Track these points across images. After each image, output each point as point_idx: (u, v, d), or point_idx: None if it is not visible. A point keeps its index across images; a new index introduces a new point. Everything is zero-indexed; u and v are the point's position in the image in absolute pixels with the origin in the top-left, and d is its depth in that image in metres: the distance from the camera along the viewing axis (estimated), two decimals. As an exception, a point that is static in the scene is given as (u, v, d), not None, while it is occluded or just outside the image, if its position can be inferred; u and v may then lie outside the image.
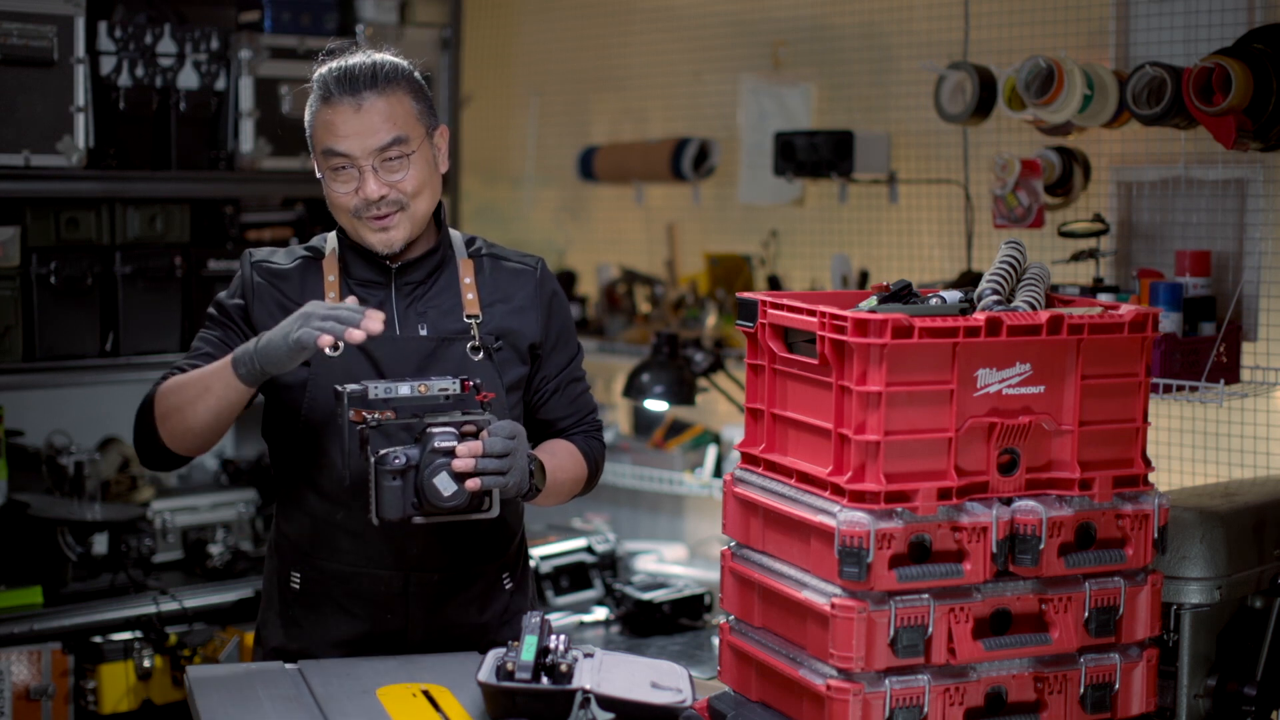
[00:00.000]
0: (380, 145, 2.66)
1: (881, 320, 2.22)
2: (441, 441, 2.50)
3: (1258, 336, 3.37)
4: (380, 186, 2.67)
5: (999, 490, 2.33)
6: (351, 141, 2.65)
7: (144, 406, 2.68)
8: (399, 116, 2.68)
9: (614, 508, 4.84)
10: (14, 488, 3.99)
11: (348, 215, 2.71)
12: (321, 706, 2.46)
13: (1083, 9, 3.67)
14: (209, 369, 2.61)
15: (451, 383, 2.54)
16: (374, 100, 2.66)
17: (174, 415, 2.62)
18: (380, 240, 2.71)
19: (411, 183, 2.69)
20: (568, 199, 5.17)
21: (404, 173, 2.68)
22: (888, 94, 4.19)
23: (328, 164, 2.69)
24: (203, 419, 2.60)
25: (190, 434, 2.63)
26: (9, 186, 3.87)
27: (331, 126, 2.67)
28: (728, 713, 2.47)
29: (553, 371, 2.85)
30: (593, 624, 3.90)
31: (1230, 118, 3.12)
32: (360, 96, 2.65)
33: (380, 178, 2.67)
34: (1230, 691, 2.75)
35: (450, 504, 2.51)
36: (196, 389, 2.60)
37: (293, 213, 4.55)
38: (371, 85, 2.66)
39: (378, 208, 2.68)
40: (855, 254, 4.24)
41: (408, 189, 2.69)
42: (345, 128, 2.65)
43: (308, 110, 2.73)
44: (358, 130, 2.65)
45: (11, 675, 3.74)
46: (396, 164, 2.67)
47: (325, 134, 2.68)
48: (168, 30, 4.13)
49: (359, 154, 2.66)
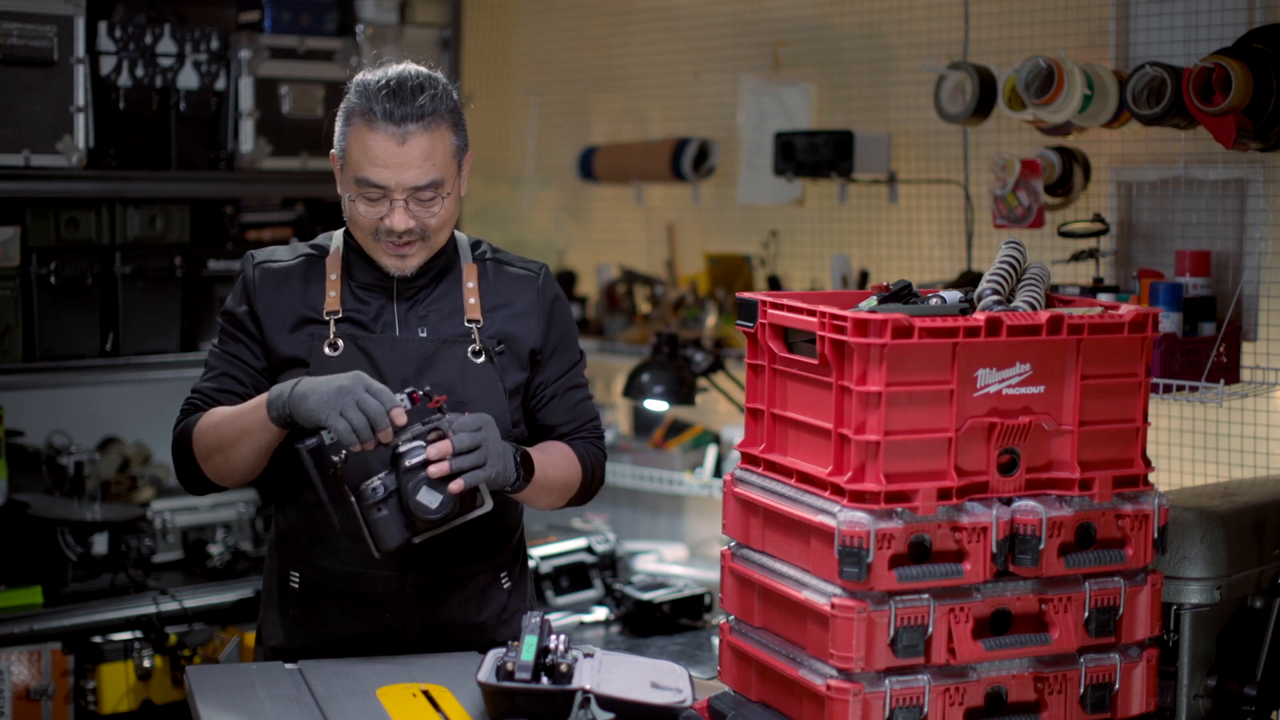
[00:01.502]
0: (417, 185, 2.63)
1: (881, 320, 2.22)
2: (412, 458, 2.50)
3: (1258, 336, 3.37)
4: (408, 220, 2.65)
5: (999, 490, 2.33)
6: (388, 174, 2.62)
7: (180, 443, 2.71)
8: (439, 156, 2.64)
9: (614, 508, 4.83)
10: (14, 488, 3.99)
11: (366, 236, 2.71)
12: (321, 706, 2.46)
13: (1083, 9, 3.67)
14: (245, 411, 2.62)
15: (401, 398, 2.53)
16: (418, 135, 2.61)
17: (216, 456, 2.66)
18: (395, 265, 2.71)
19: (438, 220, 2.68)
20: (568, 199, 5.17)
21: (433, 211, 2.67)
22: (888, 94, 4.19)
23: (360, 190, 2.65)
24: (246, 460, 2.64)
25: (236, 473, 2.68)
26: (9, 186, 3.87)
27: (370, 154, 2.62)
28: (728, 713, 2.47)
29: (552, 377, 2.85)
30: (593, 624, 3.90)
31: (1230, 118, 3.12)
32: (405, 128, 2.60)
33: (409, 211, 2.65)
34: (1230, 691, 2.75)
35: (440, 514, 2.51)
36: (234, 431, 2.62)
37: (293, 213, 4.55)
38: (418, 118, 2.61)
39: (399, 237, 2.68)
40: (855, 254, 4.24)
41: (433, 225, 2.68)
42: (385, 158, 2.61)
43: (341, 118, 2.68)
44: (397, 164, 2.61)
45: (11, 675, 3.74)
46: (428, 202, 2.66)
47: (362, 159, 2.63)
48: (168, 30, 4.13)
49: (395, 187, 2.63)
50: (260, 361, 2.76)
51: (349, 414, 2.46)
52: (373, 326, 2.75)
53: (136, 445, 4.46)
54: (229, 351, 2.76)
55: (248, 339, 2.76)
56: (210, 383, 2.75)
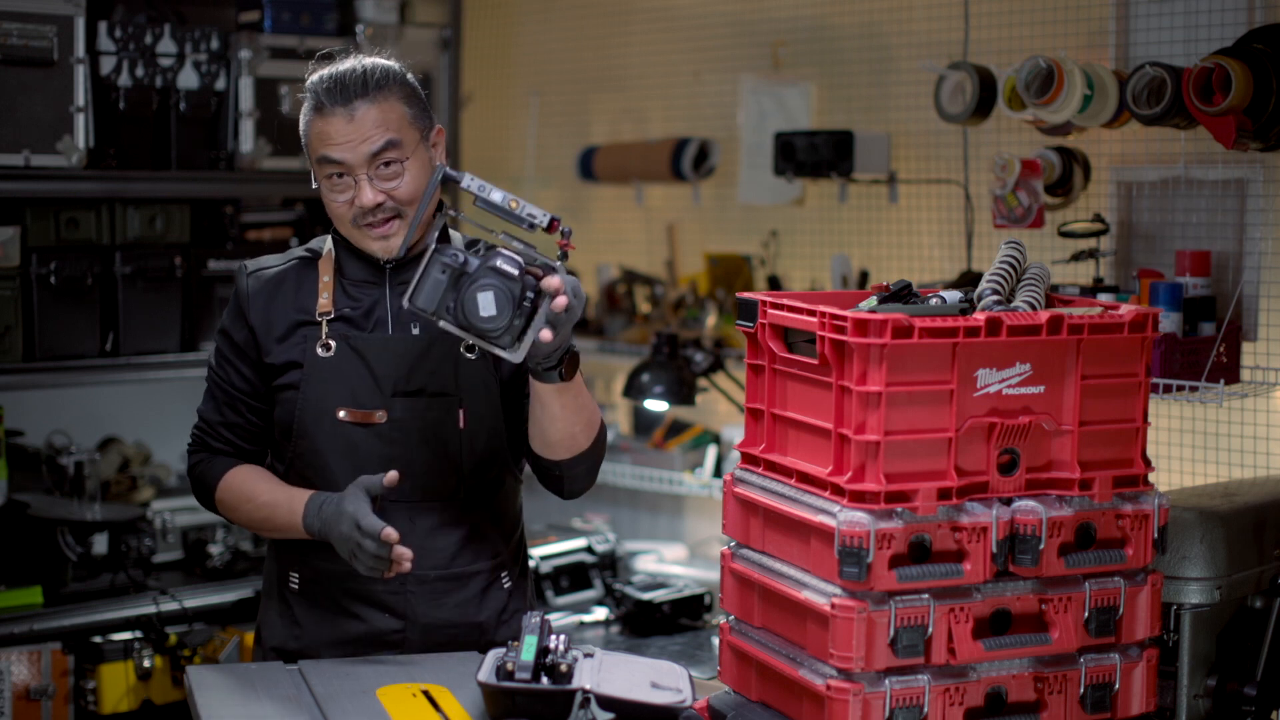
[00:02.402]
0: (373, 151, 2.66)
1: (881, 320, 2.22)
2: (504, 264, 2.44)
3: (1258, 336, 3.37)
4: (375, 194, 2.67)
5: (999, 490, 2.33)
6: (345, 149, 2.66)
7: (200, 489, 2.89)
8: (392, 122, 2.68)
9: (614, 508, 4.83)
10: (14, 488, 3.99)
11: (347, 225, 2.73)
12: (321, 706, 2.46)
13: (1083, 9, 3.67)
14: (275, 505, 2.74)
15: (543, 216, 2.49)
16: (366, 109, 2.66)
17: (239, 518, 2.84)
18: (381, 248, 2.72)
19: (406, 191, 2.69)
20: (568, 199, 5.17)
21: (399, 180, 2.68)
22: (888, 94, 4.19)
23: (323, 173, 2.71)
24: (268, 533, 2.82)
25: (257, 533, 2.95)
26: (9, 186, 3.87)
27: (325, 136, 2.68)
28: (728, 713, 2.47)
29: None
30: (593, 624, 3.90)
31: (1230, 118, 3.12)
32: (352, 106, 2.66)
33: (375, 186, 2.67)
34: (1230, 691, 2.75)
35: (482, 325, 2.43)
36: (261, 513, 2.77)
37: (293, 213, 4.55)
38: (363, 93, 2.67)
39: (374, 215, 2.69)
40: (855, 254, 4.24)
41: (403, 197, 2.69)
42: (338, 136, 2.66)
43: (302, 119, 2.74)
44: (350, 138, 2.66)
45: (11, 675, 3.74)
46: (391, 170, 2.68)
47: (319, 143, 2.69)
48: (168, 30, 4.13)
49: (353, 161, 2.67)
50: (258, 384, 2.81)
51: (362, 561, 2.60)
52: (365, 324, 2.75)
53: (136, 445, 4.46)
54: (227, 378, 2.82)
55: (243, 363, 2.81)
56: (214, 414, 2.84)
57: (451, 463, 2.75)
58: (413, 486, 2.74)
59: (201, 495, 2.89)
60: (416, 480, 2.74)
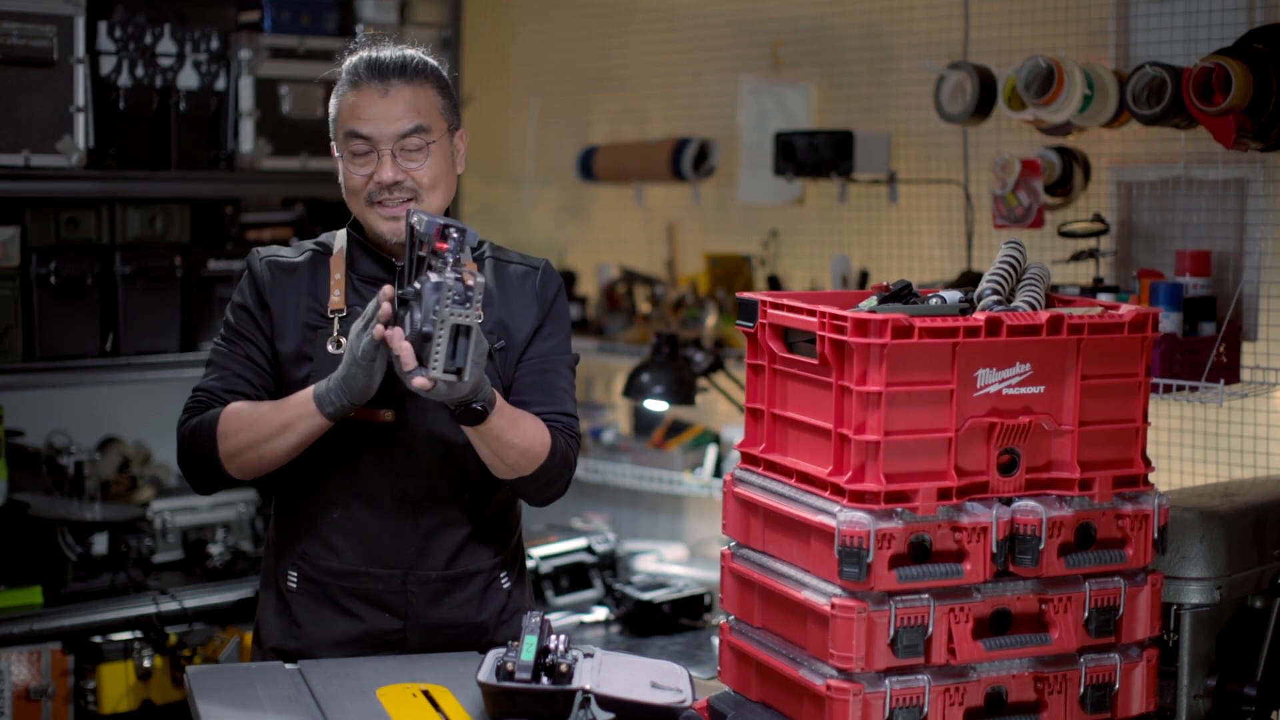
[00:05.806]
0: (402, 131, 2.68)
1: (881, 320, 2.22)
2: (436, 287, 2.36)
3: (1258, 336, 3.37)
4: (396, 172, 2.69)
5: (999, 490, 2.33)
6: (374, 125, 2.68)
7: (196, 438, 2.68)
8: (423, 107, 2.71)
9: (614, 508, 4.84)
10: (14, 488, 3.99)
11: (360, 200, 2.73)
12: (321, 706, 2.46)
13: (1083, 9, 3.67)
14: (284, 409, 2.63)
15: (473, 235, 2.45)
16: (401, 88, 2.70)
17: (247, 452, 2.65)
18: (390, 229, 2.72)
19: (427, 174, 2.70)
20: (568, 199, 5.17)
21: (422, 162, 2.70)
22: (888, 94, 4.19)
23: (348, 146, 2.71)
24: (282, 454, 2.66)
25: (266, 467, 2.68)
26: (9, 186, 3.87)
27: (356, 109, 2.70)
28: (728, 713, 2.47)
29: (532, 354, 2.79)
30: (593, 624, 3.90)
31: (1230, 118, 3.12)
32: (388, 83, 2.70)
33: (397, 164, 2.69)
34: (1230, 691, 2.75)
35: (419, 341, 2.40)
36: (272, 427, 2.63)
37: (293, 213, 4.55)
38: (400, 74, 2.71)
39: (389, 193, 2.69)
40: (855, 254, 4.24)
41: (423, 179, 2.70)
42: (369, 111, 2.69)
43: (334, 98, 2.76)
44: (382, 114, 2.68)
45: (11, 675, 3.74)
46: (415, 153, 2.70)
47: (349, 116, 2.71)
48: (168, 30, 4.13)
49: (380, 138, 2.68)
50: (269, 361, 2.76)
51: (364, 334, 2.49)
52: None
53: (136, 445, 4.46)
54: (236, 349, 2.76)
55: (256, 334, 2.76)
56: (217, 381, 2.74)
57: (456, 464, 2.75)
58: (418, 487, 2.73)
59: (199, 445, 2.68)
60: (422, 481, 2.74)
